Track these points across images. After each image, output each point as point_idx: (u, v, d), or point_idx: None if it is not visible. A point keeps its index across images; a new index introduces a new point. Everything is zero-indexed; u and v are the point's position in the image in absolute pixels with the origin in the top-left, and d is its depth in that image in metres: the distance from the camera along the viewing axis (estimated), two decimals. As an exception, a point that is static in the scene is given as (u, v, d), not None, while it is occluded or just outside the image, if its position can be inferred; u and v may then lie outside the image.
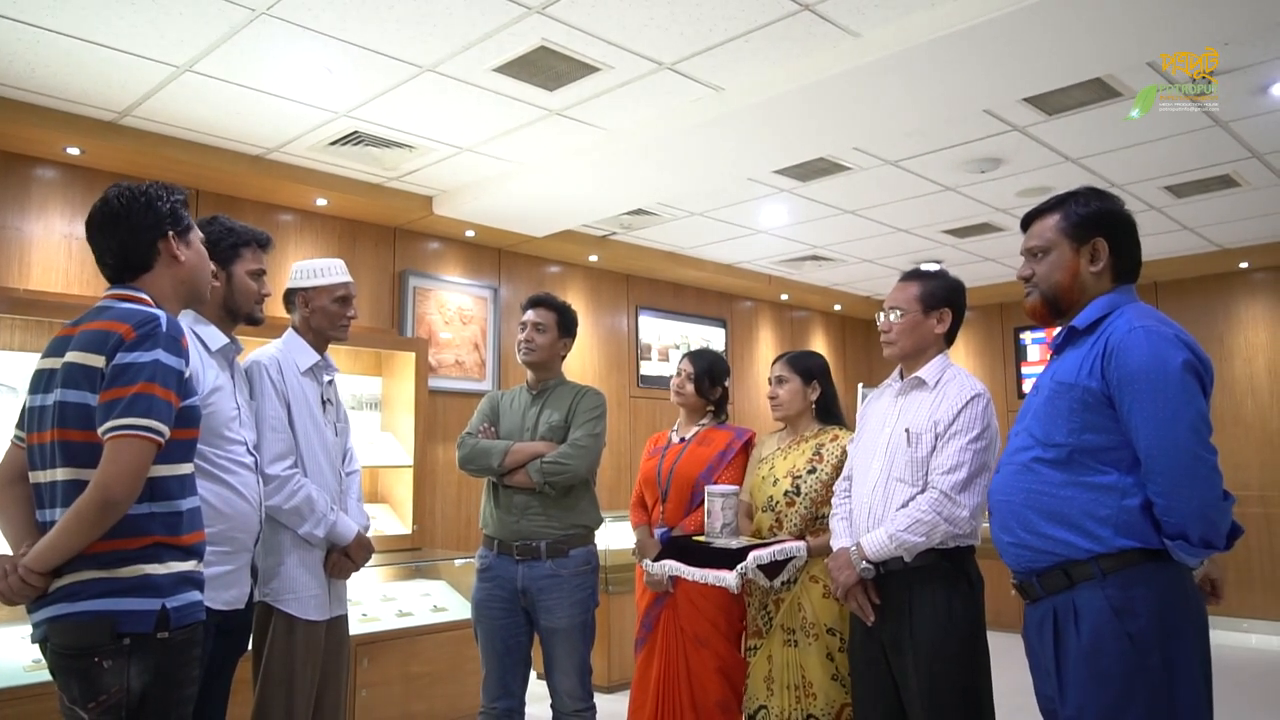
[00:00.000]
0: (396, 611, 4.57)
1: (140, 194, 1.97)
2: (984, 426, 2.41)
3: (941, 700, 2.32)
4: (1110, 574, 1.84)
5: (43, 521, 1.84)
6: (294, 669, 2.62)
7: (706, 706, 3.05)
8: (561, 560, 3.06)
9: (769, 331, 8.35)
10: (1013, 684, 2.02)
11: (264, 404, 2.66)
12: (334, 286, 2.87)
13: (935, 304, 2.56)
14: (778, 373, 3.09)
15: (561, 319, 3.26)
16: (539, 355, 3.22)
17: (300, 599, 2.65)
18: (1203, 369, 1.84)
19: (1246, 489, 7.12)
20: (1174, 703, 1.79)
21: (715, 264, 7.23)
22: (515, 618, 3.10)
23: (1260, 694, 5.26)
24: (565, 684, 3.09)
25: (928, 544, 2.35)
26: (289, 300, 2.89)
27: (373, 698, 4.20)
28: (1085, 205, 2.04)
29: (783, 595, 2.87)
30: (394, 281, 5.69)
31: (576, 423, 3.14)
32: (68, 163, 4.47)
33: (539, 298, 3.30)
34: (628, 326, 7.13)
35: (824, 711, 2.76)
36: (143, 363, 1.78)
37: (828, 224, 6.21)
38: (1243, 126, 4.59)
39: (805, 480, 2.90)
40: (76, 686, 1.74)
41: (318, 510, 2.66)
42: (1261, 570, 7.00)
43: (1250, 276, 7.34)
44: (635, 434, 7.00)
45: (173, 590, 1.81)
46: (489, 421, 3.25)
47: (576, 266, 6.78)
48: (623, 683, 4.96)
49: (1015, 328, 8.45)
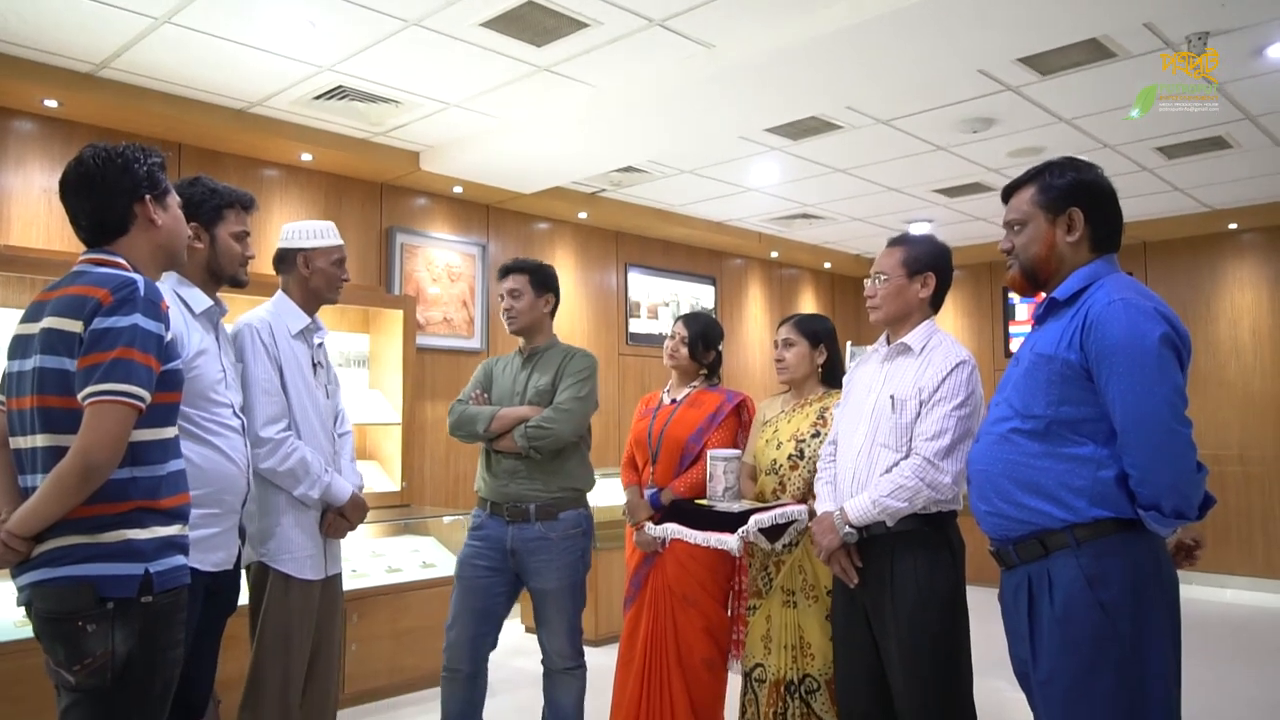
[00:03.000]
0: (386, 567, 4.61)
1: (117, 156, 1.93)
2: (968, 393, 2.42)
3: (920, 663, 2.36)
4: (1084, 543, 1.87)
5: (24, 487, 1.84)
6: (290, 627, 2.66)
7: (692, 664, 3.10)
8: (550, 523, 3.08)
9: (758, 289, 8.33)
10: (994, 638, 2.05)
11: (255, 367, 2.65)
12: (333, 249, 2.87)
13: (919, 268, 2.56)
14: (785, 335, 3.08)
15: (535, 278, 3.23)
16: (522, 321, 3.22)
17: (296, 559, 2.67)
18: (1180, 343, 1.84)
19: (1226, 448, 7.21)
20: (1143, 669, 1.83)
21: (705, 221, 7.19)
22: (500, 578, 3.12)
23: (1233, 647, 5.39)
24: (555, 643, 3.13)
25: (910, 509, 2.38)
26: (282, 260, 2.86)
27: (362, 652, 4.25)
28: (1060, 176, 2.03)
29: (784, 557, 2.90)
30: (381, 238, 5.65)
31: (562, 386, 3.14)
32: (45, 115, 4.40)
33: (509, 265, 3.28)
34: (617, 284, 7.11)
35: (821, 671, 2.80)
36: (121, 327, 1.77)
37: (819, 182, 6.17)
38: (1237, 88, 4.56)
39: (809, 444, 2.91)
40: (62, 650, 1.76)
41: (312, 472, 2.67)
42: (1238, 528, 7.12)
43: (1239, 238, 7.35)
44: (624, 392, 7.02)
45: (156, 555, 1.82)
46: (482, 388, 3.26)
47: (565, 223, 6.74)
48: (611, 636, 5.04)
49: (1004, 287, 8.46)
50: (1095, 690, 1.84)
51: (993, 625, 2.14)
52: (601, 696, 3.24)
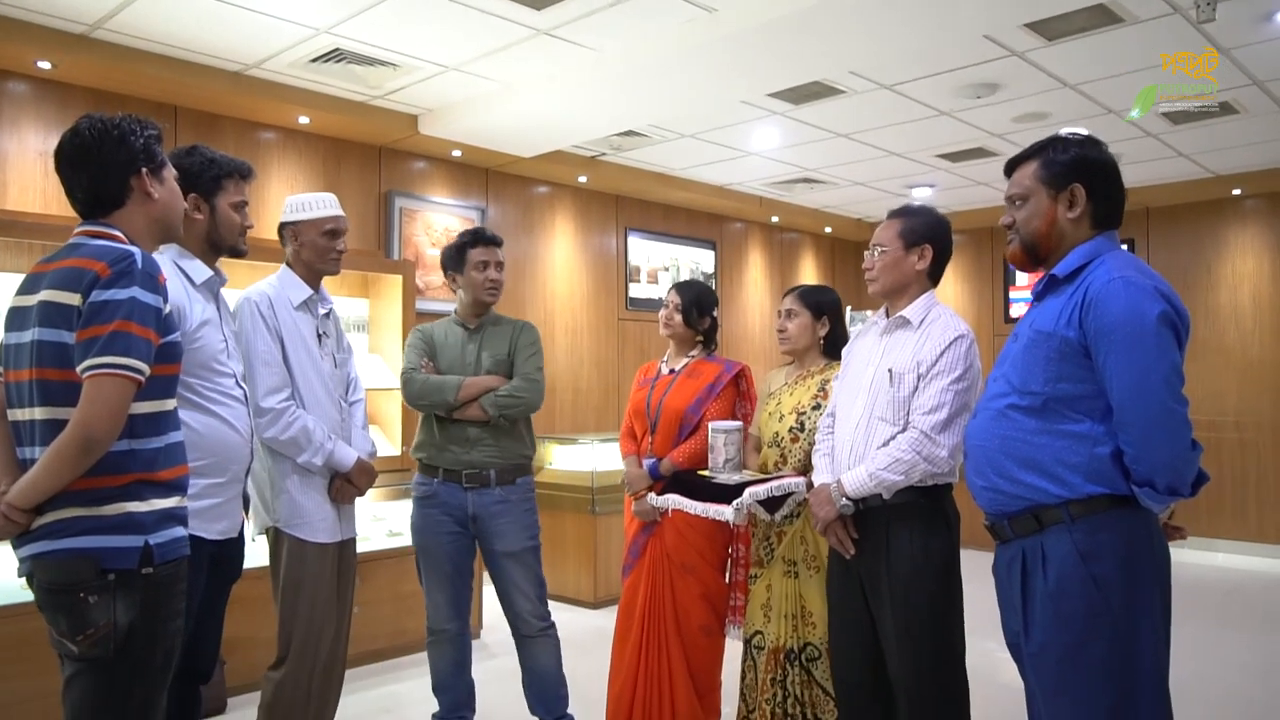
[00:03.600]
0: (387, 531, 4.65)
1: (113, 127, 1.91)
2: (966, 367, 2.42)
3: (914, 633, 2.39)
4: (1078, 519, 1.88)
5: (23, 459, 1.85)
6: (310, 589, 2.70)
7: (690, 630, 3.15)
8: (509, 488, 3.17)
9: (759, 254, 8.31)
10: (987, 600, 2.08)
11: (255, 340, 2.67)
12: (321, 220, 2.85)
13: (916, 240, 2.55)
14: (788, 306, 3.07)
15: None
16: (499, 294, 3.27)
17: (309, 524, 2.72)
18: (1179, 321, 1.84)
19: (1223, 415, 7.24)
20: (1133, 642, 1.85)
21: (706, 185, 7.14)
22: (464, 540, 3.20)
23: (1224, 611, 5.45)
24: (527, 606, 3.18)
25: (906, 482, 2.39)
26: (281, 234, 2.87)
27: (365, 615, 4.30)
28: (1063, 152, 2.02)
29: (785, 528, 2.92)
30: (380, 202, 5.62)
31: (521, 357, 3.21)
32: (39, 77, 4.35)
33: (495, 236, 3.29)
34: (617, 248, 7.08)
35: (823, 639, 2.82)
36: (119, 300, 1.77)
37: (820, 147, 6.12)
38: (1244, 54, 4.51)
39: (809, 416, 2.92)
40: (64, 621, 1.78)
41: (314, 440, 2.69)
42: (1232, 494, 7.18)
43: (1242, 203, 7.31)
44: (623, 357, 7.03)
45: (155, 527, 1.83)
46: (427, 357, 3.25)
47: (565, 187, 6.69)
48: (610, 599, 5.10)
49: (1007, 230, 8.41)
50: (1086, 662, 1.87)
51: (988, 588, 2.16)
52: (600, 660, 3.29)
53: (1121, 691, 1.85)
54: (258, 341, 2.67)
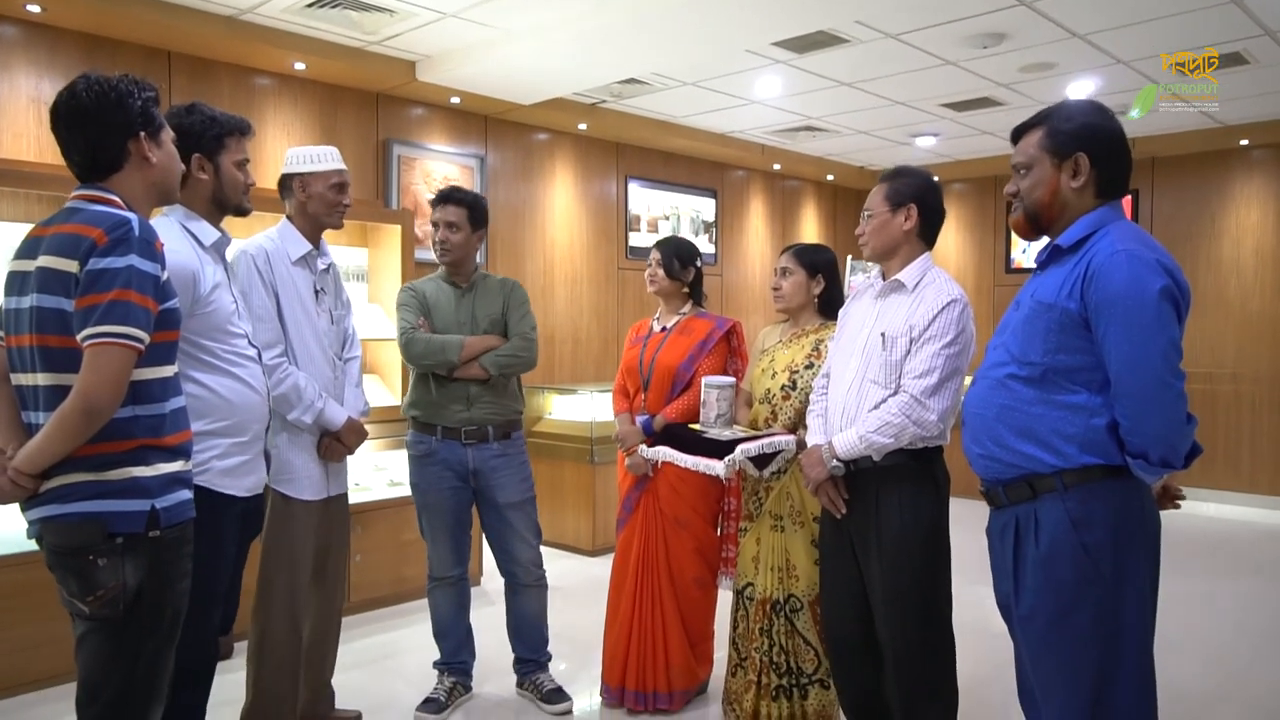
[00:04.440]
0: (388, 481, 4.70)
1: (111, 89, 1.89)
2: (958, 331, 2.44)
3: (901, 591, 2.45)
4: (1072, 488, 1.91)
5: (28, 423, 1.87)
6: (292, 544, 2.77)
7: (684, 583, 3.21)
8: (506, 442, 3.26)
9: (760, 202, 8.24)
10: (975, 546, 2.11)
11: (250, 295, 2.68)
12: (329, 173, 2.86)
13: (901, 201, 2.55)
14: (783, 264, 3.07)
15: (472, 214, 3.25)
16: (455, 255, 3.24)
17: (295, 480, 2.76)
18: (1180, 296, 1.84)
19: (1220, 367, 7.27)
20: (1120, 608, 1.89)
21: (707, 133, 7.05)
22: (464, 494, 3.27)
23: (1213, 561, 5.55)
24: (528, 553, 3.30)
25: (896, 445, 2.42)
26: (283, 186, 2.85)
27: (366, 563, 4.38)
28: (1068, 120, 1.99)
29: (772, 484, 2.97)
30: (378, 150, 5.55)
31: (515, 316, 3.26)
32: (29, 20, 4.26)
33: (447, 193, 3.26)
34: (617, 196, 7.02)
35: (805, 592, 2.91)
36: (117, 268, 1.76)
37: (824, 96, 6.04)
38: (1256, 2, 4.42)
39: (802, 375, 2.94)
40: (74, 582, 1.81)
41: (305, 398, 2.72)
42: (1225, 446, 7.25)
43: (1250, 154, 7.24)
44: (623, 306, 7.02)
45: (162, 491, 1.86)
46: (422, 315, 3.27)
47: (565, 134, 6.61)
48: (607, 547, 5.18)
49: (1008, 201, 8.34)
50: (1073, 627, 1.91)
51: (979, 536, 2.19)
52: (597, 607, 3.37)
53: (1106, 657, 1.89)
54: (252, 296, 2.68)
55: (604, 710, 3.27)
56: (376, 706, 3.27)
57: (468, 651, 3.35)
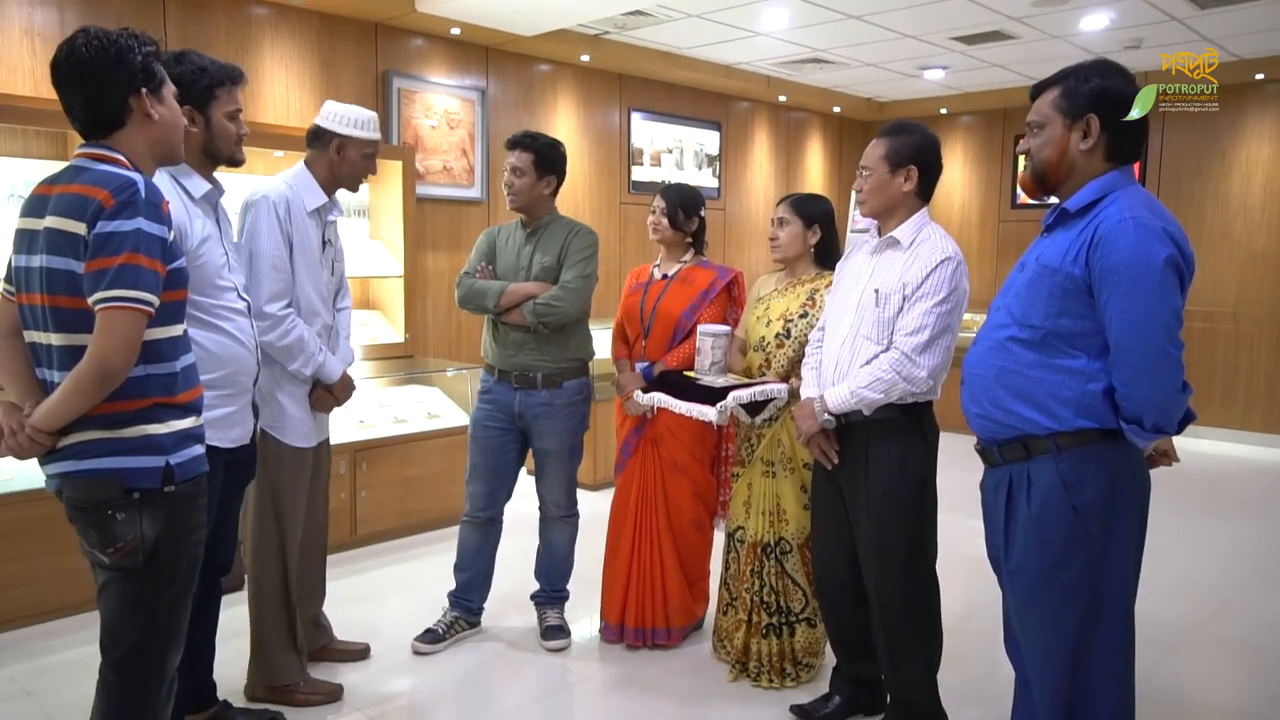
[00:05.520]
0: (392, 418, 4.76)
1: (110, 44, 1.86)
2: (951, 289, 2.45)
3: (887, 541, 2.53)
4: (1065, 450, 1.95)
5: (43, 379, 1.90)
6: (285, 490, 2.86)
7: (681, 525, 3.30)
8: (555, 391, 3.25)
9: (764, 134, 8.13)
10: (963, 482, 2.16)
11: (267, 242, 2.69)
12: (368, 141, 2.87)
13: (901, 161, 2.53)
14: (780, 214, 3.07)
15: (540, 159, 3.22)
16: (520, 200, 3.24)
17: (292, 428, 2.84)
18: (1184, 264, 1.85)
19: (1222, 305, 7.28)
20: (1105, 565, 1.95)
21: (712, 65, 6.92)
22: (509, 437, 3.33)
23: (1202, 496, 5.63)
24: (553, 495, 3.39)
25: (886, 400, 2.47)
26: (317, 138, 2.84)
27: (371, 498, 4.47)
28: (1085, 82, 1.97)
29: (764, 431, 3.02)
30: (377, 83, 5.46)
31: (568, 264, 3.21)
32: (19, -51, 4.16)
33: (517, 138, 3.25)
34: (619, 129, 6.93)
35: (794, 535, 3.01)
36: (125, 232, 1.77)
37: (832, 28, 5.91)
38: (1280, -61, 4.30)
39: (796, 324, 2.97)
40: (94, 535, 1.87)
41: (308, 350, 2.77)
42: (1222, 384, 7.30)
43: (1265, 89, 7.11)
44: (625, 242, 6.99)
45: (175, 448, 1.91)
46: (486, 260, 3.30)
47: (567, 66, 6.49)
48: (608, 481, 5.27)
49: (1016, 135, 8.24)
50: (1058, 584, 1.98)
51: (971, 471, 2.24)
52: (597, 540, 3.47)
53: (1089, 610, 1.97)
54: (269, 244, 2.69)
55: (603, 645, 3.38)
56: (381, 638, 3.38)
57: (479, 592, 3.45)
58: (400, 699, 3.03)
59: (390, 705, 2.97)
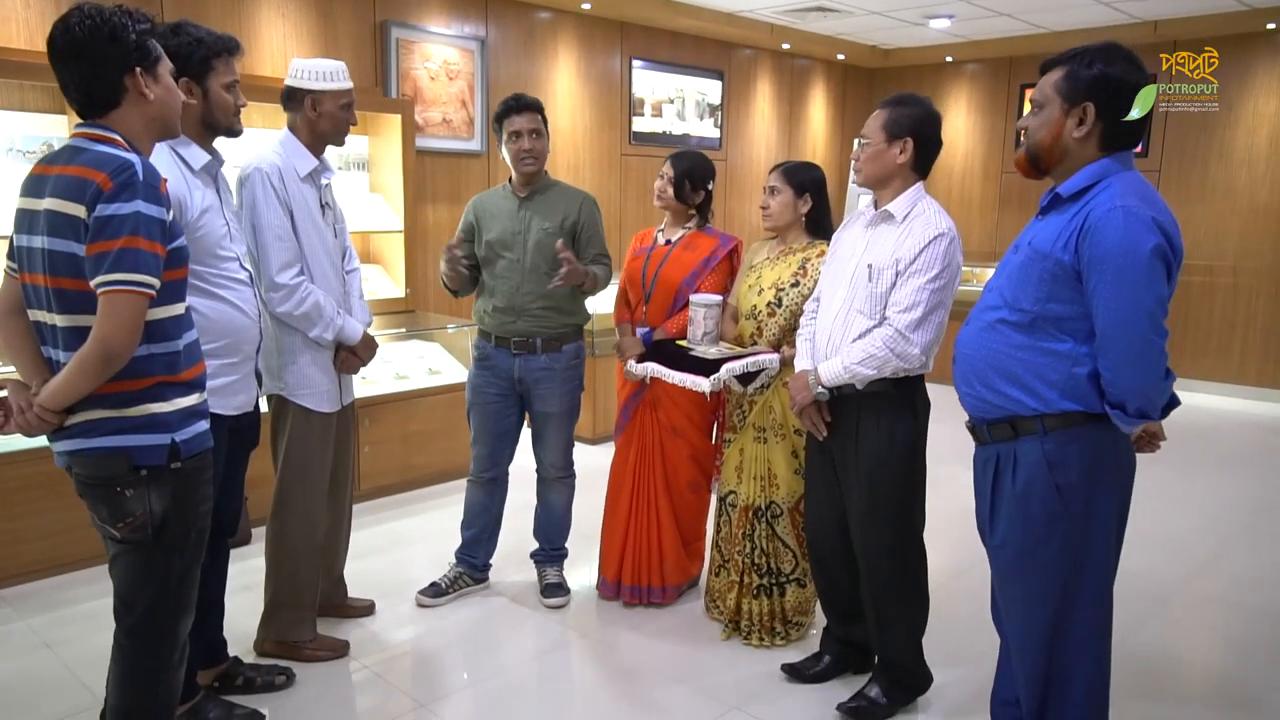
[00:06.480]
0: (394, 374, 4.81)
1: (104, 23, 1.86)
2: (944, 266, 2.47)
3: (877, 509, 2.61)
4: (1051, 431, 2.00)
5: (49, 358, 1.94)
6: (310, 456, 2.91)
7: (678, 487, 3.37)
8: (555, 355, 3.31)
9: (767, 83, 8.03)
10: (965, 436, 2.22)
11: (268, 213, 2.70)
12: (341, 92, 2.83)
13: (898, 133, 2.53)
14: (771, 183, 3.06)
15: (543, 117, 3.24)
16: (541, 163, 3.25)
17: (315, 393, 2.88)
18: (1172, 254, 1.87)
19: (1221, 259, 7.26)
20: (1086, 542, 2.02)
21: (715, 13, 6.80)
22: (509, 402, 3.39)
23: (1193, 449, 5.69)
24: (551, 457, 3.46)
25: (878, 375, 2.51)
26: (290, 99, 2.82)
27: (374, 454, 4.55)
28: (1088, 66, 1.96)
29: (755, 398, 3.07)
30: (375, 33, 5.39)
31: (592, 241, 3.30)
32: (8, -103, 4.08)
33: (527, 100, 3.22)
34: (620, 79, 6.85)
35: (785, 499, 3.09)
36: (124, 215, 1.79)
37: (836, -24, 5.80)
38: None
39: (788, 293, 2.99)
40: (105, 510, 1.93)
41: (325, 315, 2.79)
42: (1219, 337, 7.33)
43: (1275, 38, 6.99)
44: (625, 194, 6.96)
45: (180, 425, 1.96)
46: (464, 235, 3.33)
47: (567, 14, 6.39)
48: (607, 435, 5.35)
49: (1021, 84, 8.13)
50: (1040, 560, 2.05)
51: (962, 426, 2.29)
52: (596, 495, 3.55)
53: (1066, 590, 2.04)
54: (270, 215, 2.70)
55: (600, 602, 3.48)
56: (386, 592, 3.48)
57: (484, 549, 3.53)
58: (402, 650, 3.13)
59: (391, 655, 3.08)
